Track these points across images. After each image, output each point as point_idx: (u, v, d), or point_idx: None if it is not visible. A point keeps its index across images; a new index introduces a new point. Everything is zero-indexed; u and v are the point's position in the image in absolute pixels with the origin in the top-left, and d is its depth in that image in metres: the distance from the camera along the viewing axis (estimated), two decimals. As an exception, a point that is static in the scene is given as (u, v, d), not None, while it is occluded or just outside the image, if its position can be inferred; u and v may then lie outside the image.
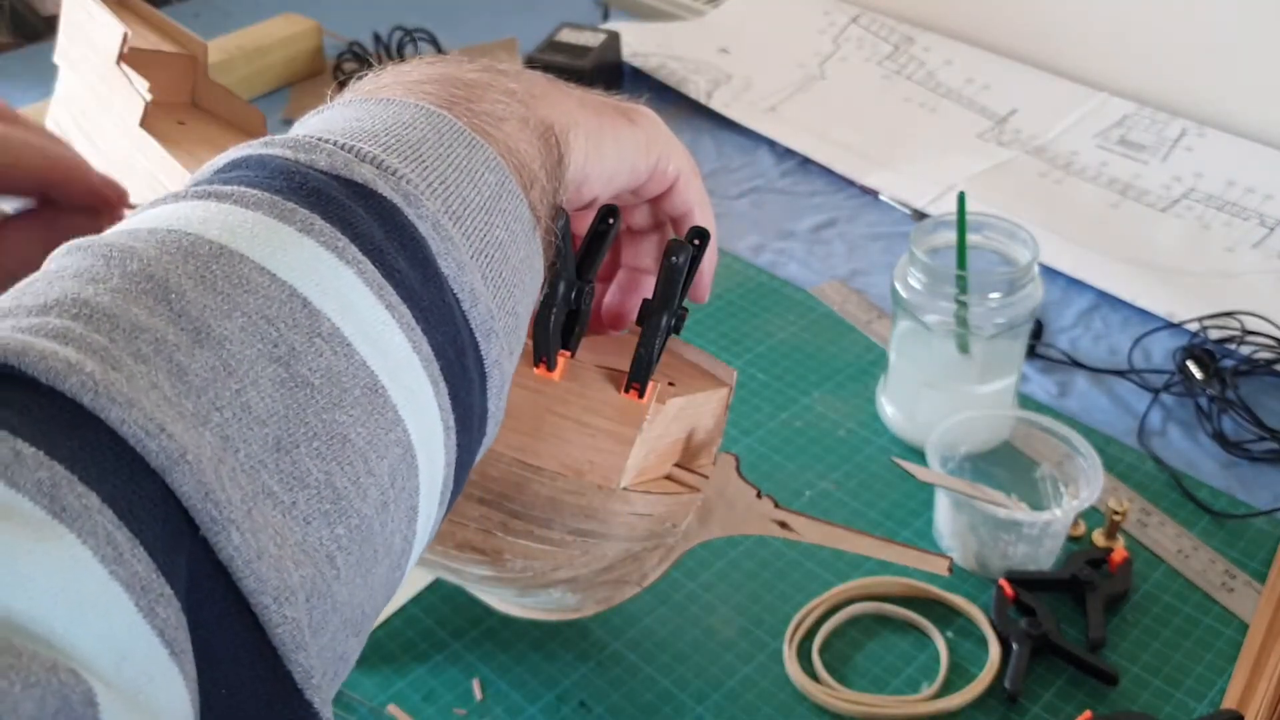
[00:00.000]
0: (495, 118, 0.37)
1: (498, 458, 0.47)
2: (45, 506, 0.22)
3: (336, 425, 0.28)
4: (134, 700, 0.22)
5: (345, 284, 0.30)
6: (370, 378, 0.29)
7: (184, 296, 0.27)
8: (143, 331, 0.26)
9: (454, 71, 0.38)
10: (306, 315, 0.29)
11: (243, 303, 0.28)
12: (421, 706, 0.62)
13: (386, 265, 0.31)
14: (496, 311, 0.34)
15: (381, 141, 0.33)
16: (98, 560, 0.23)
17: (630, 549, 0.53)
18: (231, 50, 1.19)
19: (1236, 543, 0.70)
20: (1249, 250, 0.95)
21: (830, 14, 1.30)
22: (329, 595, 0.28)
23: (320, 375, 0.28)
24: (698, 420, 0.52)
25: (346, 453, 0.28)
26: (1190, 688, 0.62)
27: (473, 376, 0.34)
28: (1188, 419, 0.80)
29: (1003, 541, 0.67)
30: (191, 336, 0.26)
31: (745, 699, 0.62)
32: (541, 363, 0.47)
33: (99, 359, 0.25)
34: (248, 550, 0.25)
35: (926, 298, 0.72)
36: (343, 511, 0.28)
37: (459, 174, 0.34)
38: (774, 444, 0.79)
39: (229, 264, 0.28)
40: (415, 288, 0.31)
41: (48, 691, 0.20)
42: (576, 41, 1.19)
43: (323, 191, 0.31)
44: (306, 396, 0.28)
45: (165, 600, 0.24)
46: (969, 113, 1.15)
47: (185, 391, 0.26)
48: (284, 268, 0.29)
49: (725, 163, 1.11)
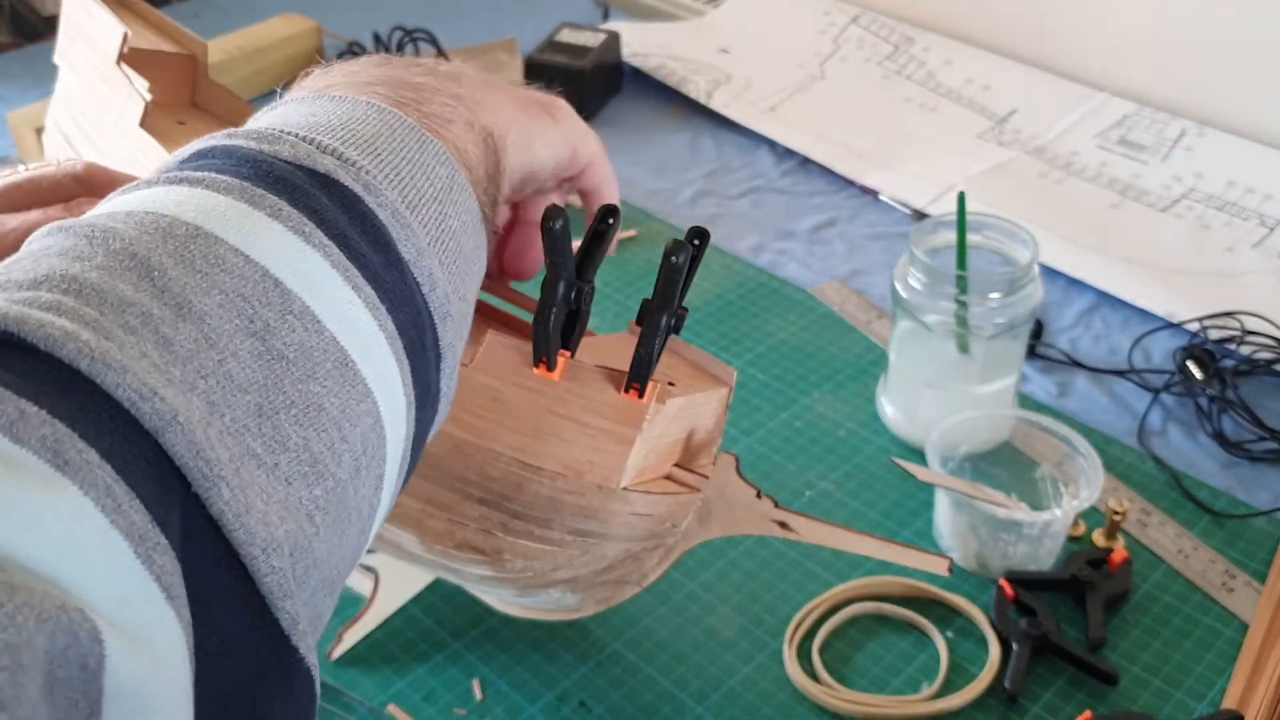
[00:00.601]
0: (443, 119, 0.39)
1: (497, 457, 0.47)
2: (49, 460, 0.23)
3: (311, 395, 0.30)
4: (135, 639, 0.24)
5: (313, 266, 0.31)
6: (341, 353, 0.31)
7: (165, 274, 0.29)
8: (130, 305, 0.27)
9: (402, 74, 0.40)
10: (279, 294, 0.30)
11: (220, 281, 0.29)
12: (421, 706, 0.62)
13: (351, 249, 0.32)
14: (451, 296, 0.37)
15: (339, 135, 0.35)
16: (98, 510, 0.24)
17: (630, 549, 0.53)
18: (231, 50, 1.20)
19: (1236, 543, 0.70)
20: (1249, 250, 0.95)
21: (830, 14, 1.30)
22: (310, 551, 0.30)
23: (294, 349, 0.30)
24: (698, 420, 0.52)
25: (322, 420, 0.30)
26: (1190, 688, 0.62)
27: (430, 356, 0.36)
28: (1188, 419, 0.80)
29: (1003, 541, 0.67)
30: (174, 311, 0.28)
31: (745, 699, 0.62)
32: (541, 363, 0.47)
33: (92, 329, 0.26)
34: (237, 505, 0.27)
35: (926, 298, 0.72)
36: (320, 474, 0.30)
37: (412, 166, 0.36)
38: (774, 444, 0.79)
39: (205, 245, 0.30)
40: (378, 270, 0.33)
41: (58, 627, 0.22)
42: (576, 41, 1.19)
43: (288, 180, 0.32)
44: (283, 368, 0.30)
45: (161, 549, 0.25)
46: (969, 113, 1.15)
47: (172, 360, 0.27)
48: (256, 250, 0.30)
49: (725, 163, 1.11)
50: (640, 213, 1.03)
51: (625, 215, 1.01)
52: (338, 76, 0.41)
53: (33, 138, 1.04)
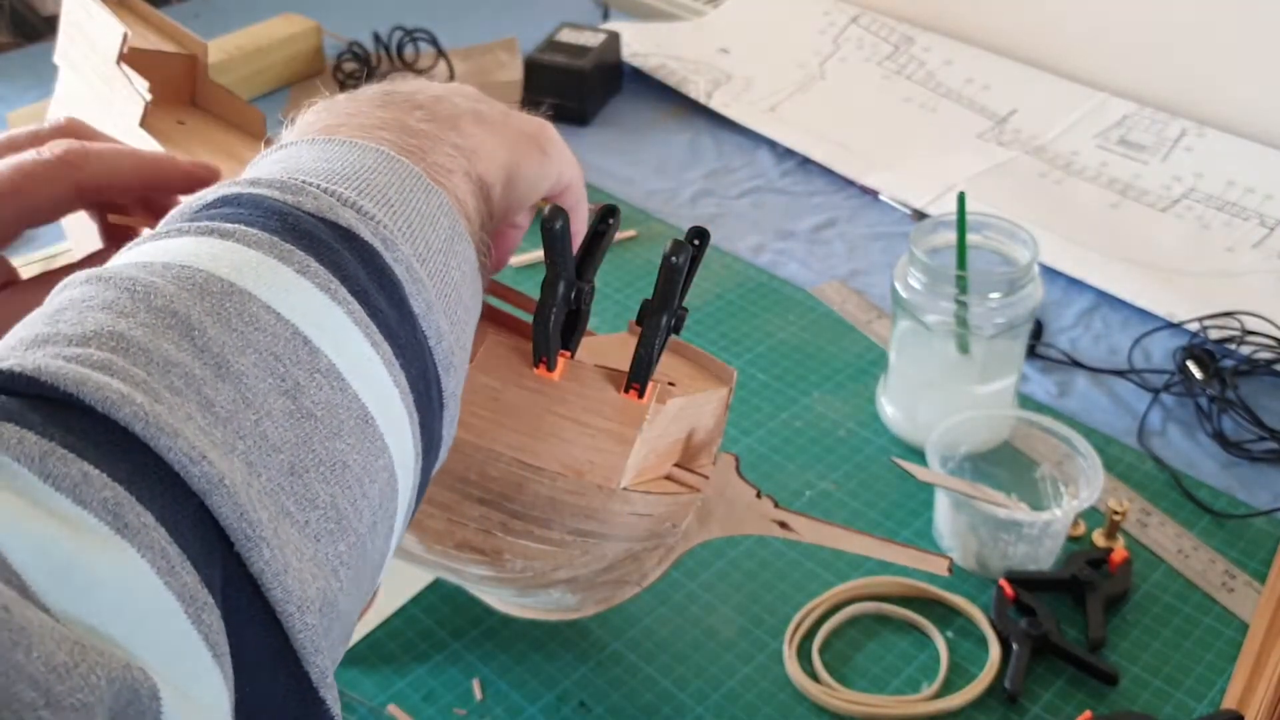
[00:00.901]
0: (445, 169, 0.40)
1: (497, 457, 0.47)
2: (109, 523, 0.25)
3: (337, 452, 0.31)
4: (186, 695, 0.25)
5: (337, 323, 0.33)
6: (362, 410, 0.32)
7: (205, 333, 0.30)
8: (174, 366, 0.29)
9: (405, 119, 0.41)
10: (308, 352, 0.31)
11: (254, 340, 0.31)
12: (421, 706, 0.62)
13: (370, 305, 0.34)
14: (455, 347, 0.38)
15: (355, 185, 0.36)
16: (154, 572, 0.25)
17: (630, 549, 0.53)
18: (231, 50, 1.19)
19: (1236, 543, 0.70)
20: (1249, 250, 0.95)
21: (830, 14, 1.30)
22: (335, 605, 0.31)
23: (321, 407, 0.31)
24: (698, 420, 0.52)
25: (346, 477, 0.31)
26: (1190, 688, 0.62)
27: (435, 408, 0.37)
28: (1188, 419, 0.80)
29: (1003, 541, 0.67)
30: (214, 371, 0.29)
31: (745, 699, 0.62)
32: (541, 363, 0.47)
33: (143, 391, 0.27)
34: (275, 564, 0.28)
35: (926, 298, 0.72)
36: (344, 530, 0.31)
37: (421, 219, 0.37)
38: (774, 444, 0.79)
39: (240, 302, 0.31)
40: (394, 327, 0.34)
41: (123, 685, 0.23)
42: (576, 41, 1.19)
43: (313, 234, 0.34)
44: (312, 427, 0.31)
45: (209, 609, 0.26)
46: (969, 113, 1.15)
47: (214, 422, 0.28)
48: (286, 307, 0.32)
49: (725, 163, 1.11)
50: (640, 213, 1.03)
51: (625, 215, 1.01)
52: (341, 117, 0.41)
53: (33, 138, 1.04)
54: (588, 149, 1.12)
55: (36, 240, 1.06)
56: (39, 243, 0.99)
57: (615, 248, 0.95)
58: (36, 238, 1.11)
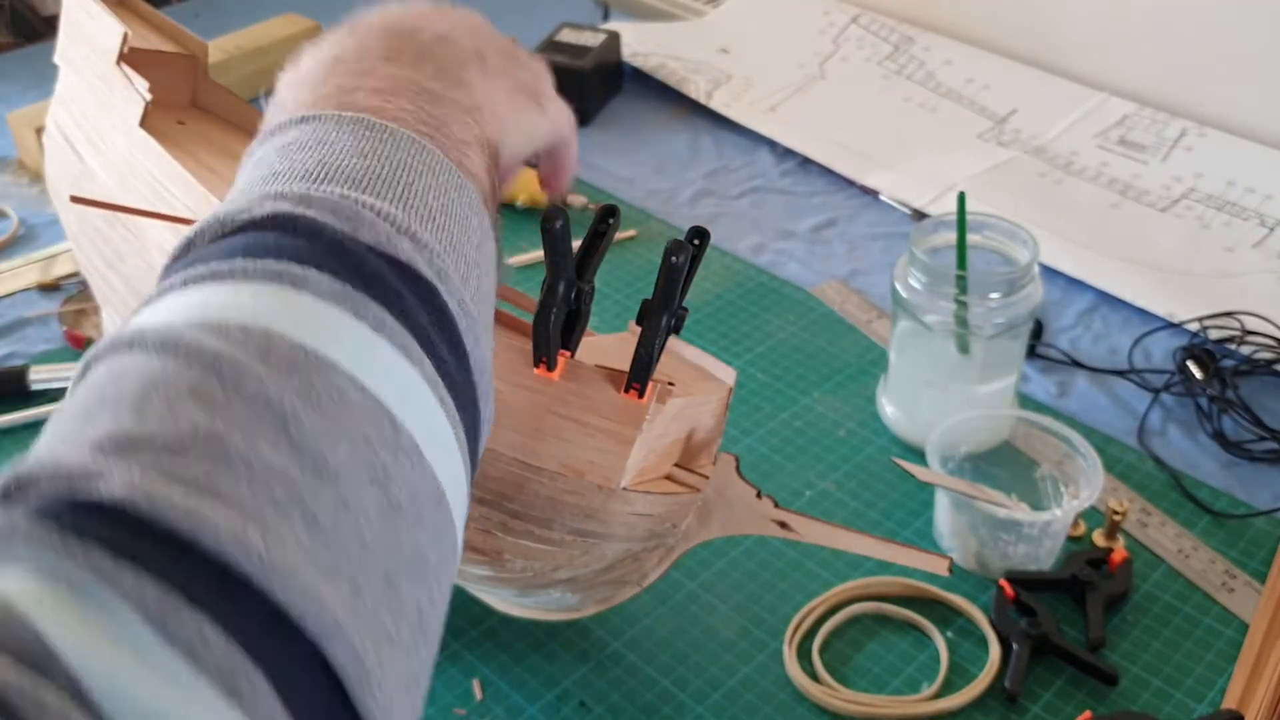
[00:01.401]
0: (463, 143, 0.39)
1: (498, 458, 0.47)
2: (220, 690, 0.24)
3: (419, 546, 0.30)
4: None
5: (413, 387, 0.32)
6: (437, 489, 0.32)
7: (300, 423, 0.28)
8: (275, 475, 0.27)
9: (417, 78, 0.40)
10: (393, 430, 0.30)
11: (346, 426, 0.29)
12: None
13: (437, 357, 0.33)
14: (490, 376, 0.37)
15: (399, 195, 0.35)
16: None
17: (630, 549, 0.53)
18: (231, 50, 1.20)
19: (1236, 543, 0.70)
20: (1249, 250, 0.95)
21: (830, 14, 1.30)
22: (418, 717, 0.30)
23: (407, 495, 0.30)
24: (698, 420, 0.52)
25: (426, 574, 0.31)
26: (1190, 688, 0.62)
27: (477, 452, 0.36)
28: (1188, 419, 0.80)
29: (1003, 541, 0.67)
30: (313, 473, 0.28)
31: (745, 699, 0.62)
32: (541, 363, 0.47)
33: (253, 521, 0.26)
34: (384, 700, 0.27)
35: (926, 298, 0.72)
36: (425, 634, 0.30)
37: (459, 226, 0.36)
38: (774, 444, 0.79)
39: (328, 378, 0.30)
40: (454, 375, 0.34)
41: None
42: (576, 41, 1.19)
43: (382, 279, 0.32)
44: (399, 519, 0.30)
45: None
46: (969, 113, 1.15)
47: (319, 541, 0.27)
48: (371, 379, 0.30)
49: (725, 163, 1.11)
50: (640, 213, 1.03)
51: (625, 215, 1.01)
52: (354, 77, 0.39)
53: (33, 138, 1.04)
54: (588, 149, 1.12)
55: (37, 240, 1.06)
56: (39, 243, 0.99)
57: (615, 248, 0.94)
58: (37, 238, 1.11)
